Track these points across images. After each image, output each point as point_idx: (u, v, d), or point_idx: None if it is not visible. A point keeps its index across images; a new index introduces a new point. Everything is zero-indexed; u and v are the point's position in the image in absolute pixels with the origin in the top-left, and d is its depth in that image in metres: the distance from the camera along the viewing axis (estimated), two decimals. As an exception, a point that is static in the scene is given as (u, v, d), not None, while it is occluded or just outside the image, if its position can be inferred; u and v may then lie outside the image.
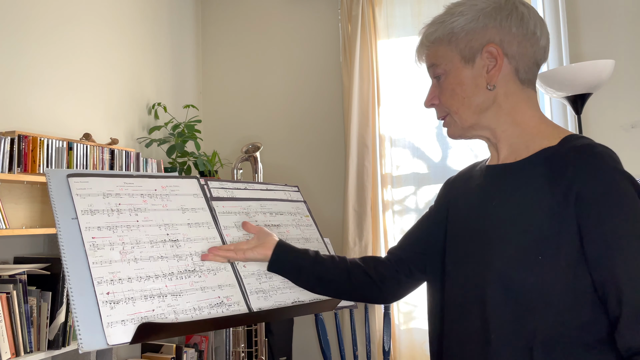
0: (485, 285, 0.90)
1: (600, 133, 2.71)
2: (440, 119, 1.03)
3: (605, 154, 0.85)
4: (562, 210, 0.84)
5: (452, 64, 0.96)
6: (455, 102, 0.97)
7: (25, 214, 2.12)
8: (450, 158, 2.90)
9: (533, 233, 0.86)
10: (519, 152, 0.96)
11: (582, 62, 2.18)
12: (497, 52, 0.93)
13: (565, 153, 0.88)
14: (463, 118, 0.97)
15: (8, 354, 1.76)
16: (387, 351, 2.00)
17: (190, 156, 2.99)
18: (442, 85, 0.99)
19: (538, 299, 0.84)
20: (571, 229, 0.83)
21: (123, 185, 1.04)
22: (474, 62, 0.95)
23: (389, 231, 2.96)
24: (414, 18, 3.02)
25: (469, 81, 0.96)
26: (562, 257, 0.83)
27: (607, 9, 2.74)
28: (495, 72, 0.94)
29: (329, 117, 3.23)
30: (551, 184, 0.87)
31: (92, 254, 0.91)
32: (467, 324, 0.93)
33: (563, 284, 0.82)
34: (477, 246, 0.94)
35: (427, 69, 1.02)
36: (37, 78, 2.29)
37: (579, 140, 0.89)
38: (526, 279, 0.85)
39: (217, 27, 3.54)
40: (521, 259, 0.86)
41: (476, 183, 1.02)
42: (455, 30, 0.95)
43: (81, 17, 2.56)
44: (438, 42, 0.98)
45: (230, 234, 1.12)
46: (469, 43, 0.95)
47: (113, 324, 0.86)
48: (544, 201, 0.86)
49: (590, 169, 0.84)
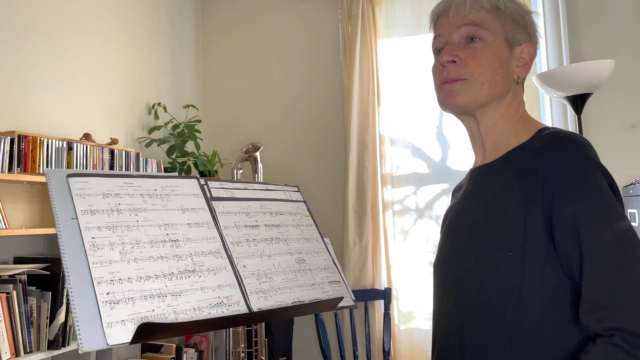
0: (462, 286, 0.91)
1: (600, 133, 2.71)
2: (450, 81, 0.94)
3: (568, 137, 0.84)
4: (528, 202, 0.84)
5: (497, 38, 0.94)
6: (487, 71, 0.92)
7: (25, 214, 2.12)
8: (450, 158, 2.90)
9: (502, 230, 0.86)
10: (499, 150, 0.96)
11: (582, 62, 2.18)
12: (530, 56, 0.96)
13: (534, 145, 0.88)
14: (484, 91, 0.93)
15: (8, 354, 1.76)
16: (387, 351, 2.00)
17: (190, 156, 2.99)
18: (480, 51, 0.93)
19: (512, 297, 0.84)
20: (538, 219, 0.82)
21: (123, 185, 1.04)
22: (512, 50, 0.95)
23: (389, 231, 2.96)
24: (414, 18, 3.02)
25: (506, 62, 0.94)
26: (531, 251, 0.83)
27: (607, 9, 2.74)
28: (522, 71, 0.96)
29: (329, 117, 3.23)
30: (519, 178, 0.87)
31: (92, 254, 0.91)
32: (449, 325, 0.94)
33: (535, 280, 0.82)
34: (457, 248, 0.96)
35: (459, 26, 0.94)
36: (37, 78, 2.29)
37: (547, 131, 0.90)
38: (499, 277, 0.85)
39: (217, 27, 3.54)
40: (493, 257, 0.86)
41: (464, 188, 1.04)
42: (507, 11, 0.95)
43: (81, 17, 2.56)
44: (492, 8, 0.94)
45: (230, 234, 1.12)
46: (513, 30, 0.95)
47: (113, 324, 0.86)
48: (512, 196, 0.87)
49: (553, 153, 0.83)
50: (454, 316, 0.93)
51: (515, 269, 0.84)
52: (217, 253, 1.07)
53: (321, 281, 1.19)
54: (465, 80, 0.93)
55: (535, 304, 0.82)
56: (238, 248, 1.12)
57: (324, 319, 2.01)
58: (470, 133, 1.02)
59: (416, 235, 2.93)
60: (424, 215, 2.93)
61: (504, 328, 0.85)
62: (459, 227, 0.97)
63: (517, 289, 0.83)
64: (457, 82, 0.93)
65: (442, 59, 0.94)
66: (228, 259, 1.08)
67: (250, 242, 1.15)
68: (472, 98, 0.93)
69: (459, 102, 0.94)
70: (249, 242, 1.14)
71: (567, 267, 0.81)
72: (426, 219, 2.92)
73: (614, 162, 2.66)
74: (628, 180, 2.58)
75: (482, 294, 0.87)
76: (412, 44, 3.01)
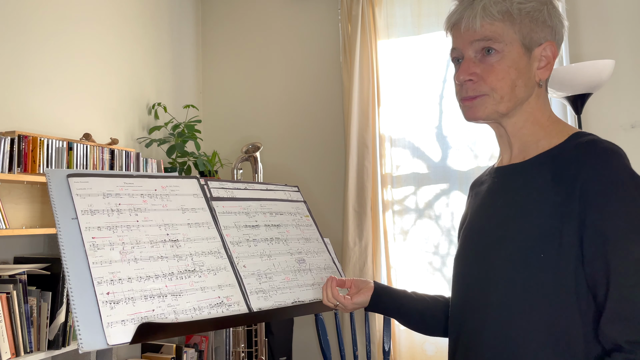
0: (487, 286, 0.91)
1: (600, 133, 2.71)
2: (470, 98, 0.94)
3: (609, 149, 0.83)
4: (565, 208, 0.83)
5: (513, 47, 0.91)
6: (505, 85, 0.91)
7: (25, 214, 2.12)
8: (450, 158, 2.90)
9: (535, 231, 0.85)
10: (528, 151, 0.95)
11: (582, 62, 2.18)
12: (552, 54, 0.93)
13: (570, 150, 0.87)
14: (504, 104, 0.92)
15: (8, 354, 1.76)
16: (387, 351, 2.00)
17: (190, 156, 2.99)
18: (495, 65, 0.91)
19: (540, 298, 0.84)
20: (573, 225, 0.82)
21: (123, 185, 1.04)
22: (531, 54, 0.92)
23: (389, 231, 2.96)
24: (414, 18, 3.02)
25: (524, 70, 0.92)
26: (564, 255, 0.83)
27: (607, 9, 2.74)
28: (545, 72, 0.94)
29: (329, 117, 3.23)
30: (555, 182, 0.86)
31: (92, 254, 0.91)
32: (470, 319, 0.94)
33: (565, 283, 0.82)
34: (482, 247, 0.95)
35: (472, 41, 0.93)
36: (37, 78, 2.29)
37: (584, 137, 0.89)
38: (528, 278, 0.85)
39: (217, 27, 3.54)
40: (523, 258, 0.86)
41: (486, 185, 1.02)
42: (522, 12, 0.91)
43: (81, 17, 2.56)
44: (504, 17, 0.91)
45: (230, 234, 1.12)
46: (530, 32, 0.92)
47: (113, 324, 0.86)
48: (547, 199, 0.86)
49: (593, 164, 0.83)
50: (477, 312, 0.93)
51: (547, 271, 0.84)
52: (217, 253, 1.07)
53: (321, 281, 1.19)
54: (485, 95, 0.93)
55: (567, 308, 0.82)
56: (238, 248, 1.12)
57: (324, 319, 2.01)
58: (497, 133, 1.01)
59: (416, 235, 2.93)
60: (424, 215, 2.93)
61: (529, 327, 0.85)
62: (485, 225, 0.96)
63: (550, 290, 0.83)
64: (477, 99, 0.94)
65: (460, 79, 0.94)
66: (228, 259, 1.08)
67: (250, 242, 1.15)
68: (492, 110, 0.93)
69: (480, 116, 0.94)
70: (249, 242, 1.15)
71: (592, 279, 0.81)
72: (426, 219, 2.92)
73: (614, 162, 2.66)
74: (628, 180, 2.58)
75: (509, 291, 0.87)
76: (412, 44, 3.01)
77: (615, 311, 0.78)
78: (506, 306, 0.87)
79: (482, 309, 0.91)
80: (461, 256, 1.01)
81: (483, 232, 0.96)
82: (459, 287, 0.99)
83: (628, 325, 0.76)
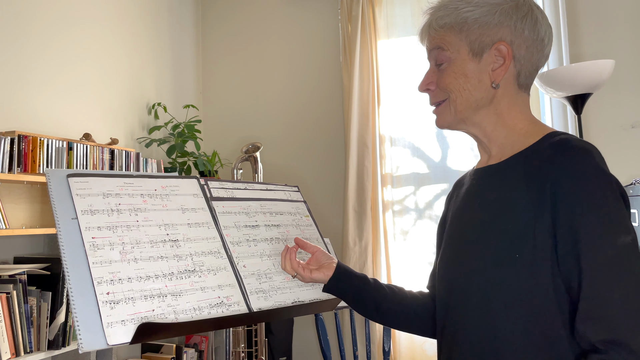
0: (468, 288, 0.92)
1: (600, 133, 2.71)
2: (434, 104, 1.01)
3: (580, 147, 0.83)
4: (537, 207, 0.84)
5: (459, 54, 0.94)
6: (455, 90, 0.95)
7: (25, 214, 2.12)
8: (450, 158, 2.90)
9: (510, 232, 0.86)
10: (504, 152, 0.96)
11: (582, 62, 2.18)
12: (507, 52, 0.92)
13: (543, 150, 0.88)
14: (459, 109, 0.95)
15: (8, 354, 1.76)
16: (387, 351, 2.00)
17: (190, 156, 2.99)
18: (445, 72, 0.96)
19: (518, 299, 0.84)
20: (546, 224, 0.82)
21: (123, 185, 1.04)
22: (481, 57, 0.93)
23: (389, 231, 2.96)
24: (414, 18, 3.02)
25: (473, 75, 0.94)
26: (539, 254, 0.83)
27: (607, 9, 2.74)
28: (500, 72, 0.93)
29: (329, 117, 3.23)
30: (527, 181, 0.87)
31: (92, 254, 0.91)
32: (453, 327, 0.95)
33: (542, 282, 0.82)
34: (462, 249, 0.95)
35: (429, 51, 1.00)
36: (37, 78, 2.29)
37: (557, 136, 0.89)
38: (505, 279, 0.85)
39: (217, 27, 3.54)
40: (499, 258, 0.87)
41: (466, 187, 1.03)
42: (468, 20, 0.93)
43: (81, 17, 2.56)
44: (447, 28, 0.95)
45: (230, 234, 1.12)
46: (480, 37, 0.92)
47: (113, 324, 0.86)
48: (520, 199, 0.86)
49: (563, 162, 0.83)
50: (459, 314, 0.94)
51: (522, 271, 0.84)
52: (217, 253, 1.07)
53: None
54: (444, 100, 0.98)
55: (546, 308, 0.82)
56: (238, 248, 1.12)
57: (324, 319, 2.01)
58: (475, 140, 1.02)
59: (416, 235, 2.93)
60: (424, 215, 2.93)
61: (508, 327, 0.85)
62: (463, 227, 0.97)
63: (525, 291, 0.83)
64: (440, 106, 0.99)
65: (419, 90, 1.02)
66: (228, 259, 1.08)
67: (250, 242, 1.15)
68: (452, 116, 0.97)
69: (444, 123, 0.99)
70: (249, 242, 1.15)
71: (566, 279, 0.81)
72: (426, 219, 2.92)
73: (614, 162, 2.66)
74: (628, 180, 2.58)
75: (487, 293, 0.88)
76: (412, 44, 3.01)
77: (588, 310, 0.77)
78: (486, 308, 0.88)
79: (463, 311, 0.92)
80: (443, 259, 1.02)
81: (462, 234, 0.96)
82: (443, 290, 1.00)
83: (601, 324, 0.76)
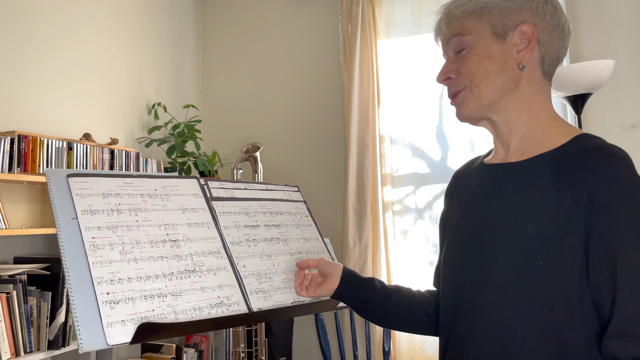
0: (481, 291, 0.88)
1: (600, 133, 2.71)
2: (453, 95, 0.95)
3: (620, 156, 0.80)
4: (569, 215, 0.80)
5: (481, 37, 0.91)
6: (479, 73, 0.91)
7: (25, 214, 2.12)
8: (450, 158, 2.90)
9: (535, 238, 0.82)
10: (526, 148, 0.91)
11: (582, 62, 2.18)
12: (532, 33, 0.90)
13: (577, 154, 0.83)
14: (484, 93, 0.91)
15: (8, 354, 1.76)
16: (387, 351, 2.00)
17: (190, 156, 2.99)
18: (466, 57, 0.92)
19: (539, 308, 0.81)
20: (578, 234, 0.79)
21: (123, 185, 1.04)
22: (505, 39, 0.91)
23: (389, 231, 2.96)
24: (414, 18, 3.02)
25: (497, 56, 0.90)
26: (567, 264, 0.79)
27: (607, 9, 2.74)
28: (526, 53, 0.90)
29: (329, 117, 3.23)
30: (559, 187, 0.82)
31: (92, 254, 0.91)
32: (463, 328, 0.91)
33: (567, 293, 0.80)
34: (475, 250, 0.91)
35: (446, 42, 0.96)
36: (37, 78, 2.29)
37: (591, 140, 0.85)
38: (525, 285, 0.82)
39: (217, 27, 3.54)
40: (521, 264, 0.83)
41: (475, 182, 0.97)
42: (489, 5, 0.91)
43: (81, 17, 2.56)
44: (468, 14, 0.92)
45: (230, 234, 1.12)
46: (502, 20, 0.90)
47: (113, 324, 0.86)
48: (549, 204, 0.82)
49: (604, 173, 0.79)
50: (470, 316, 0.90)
51: (546, 280, 0.81)
52: (217, 253, 1.07)
53: (321, 281, 1.19)
54: (465, 88, 0.93)
55: (569, 319, 0.80)
56: (238, 248, 1.12)
57: (324, 319, 2.01)
58: (494, 134, 0.98)
59: (416, 235, 2.93)
60: (424, 215, 2.93)
61: (527, 336, 0.82)
62: (478, 226, 0.92)
63: (550, 300, 0.81)
64: (459, 95, 0.94)
65: (438, 80, 0.97)
66: (228, 259, 1.08)
67: (250, 242, 1.15)
68: (476, 103, 0.92)
69: (466, 113, 0.94)
70: (249, 242, 1.14)
71: (596, 292, 0.79)
72: (426, 219, 2.92)
73: (614, 162, 2.66)
74: (628, 180, 2.58)
75: (505, 301, 0.84)
76: (412, 44, 3.01)
77: (621, 326, 0.75)
78: (502, 313, 0.85)
79: (475, 313, 0.89)
80: (452, 257, 0.97)
81: (476, 234, 0.92)
82: (451, 289, 0.96)
83: (633, 341, 0.74)
